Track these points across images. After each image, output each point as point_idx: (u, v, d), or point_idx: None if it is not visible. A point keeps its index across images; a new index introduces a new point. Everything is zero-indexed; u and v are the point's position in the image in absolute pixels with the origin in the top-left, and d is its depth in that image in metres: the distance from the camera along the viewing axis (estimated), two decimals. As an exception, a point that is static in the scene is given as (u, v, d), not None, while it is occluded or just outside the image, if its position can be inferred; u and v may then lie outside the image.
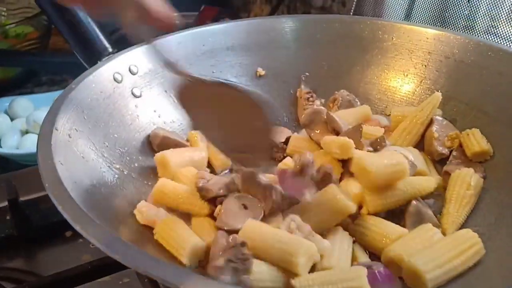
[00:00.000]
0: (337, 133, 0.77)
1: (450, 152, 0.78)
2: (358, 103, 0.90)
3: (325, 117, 0.80)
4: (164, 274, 0.42)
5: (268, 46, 0.96)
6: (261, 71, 0.95)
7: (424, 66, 0.89)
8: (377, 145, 0.74)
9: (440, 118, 0.80)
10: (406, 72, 0.91)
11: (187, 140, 0.83)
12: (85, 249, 0.81)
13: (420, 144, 0.80)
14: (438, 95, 0.81)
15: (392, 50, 0.92)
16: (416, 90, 0.89)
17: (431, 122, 0.80)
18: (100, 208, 0.59)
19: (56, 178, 0.53)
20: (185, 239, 0.60)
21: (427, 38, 0.89)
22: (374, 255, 0.64)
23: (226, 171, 0.78)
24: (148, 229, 0.65)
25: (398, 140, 0.80)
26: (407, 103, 0.89)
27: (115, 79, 0.79)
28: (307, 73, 0.95)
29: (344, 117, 0.81)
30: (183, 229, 0.62)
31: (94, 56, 0.83)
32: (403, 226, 0.65)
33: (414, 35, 0.91)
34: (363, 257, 0.63)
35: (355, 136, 0.72)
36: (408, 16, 1.15)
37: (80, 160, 0.64)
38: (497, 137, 0.75)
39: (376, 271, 0.57)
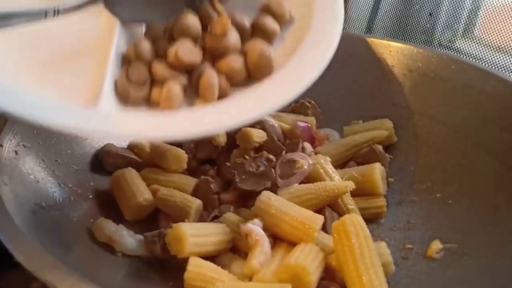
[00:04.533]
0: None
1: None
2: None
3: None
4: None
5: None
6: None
7: (387, 80, 0.88)
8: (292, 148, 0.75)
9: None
10: (368, 85, 0.90)
11: (129, 149, 0.79)
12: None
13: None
14: (389, 123, 0.82)
15: (355, 63, 0.92)
16: (379, 104, 0.88)
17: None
18: (49, 230, 0.54)
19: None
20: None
21: (390, 52, 0.89)
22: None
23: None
24: (106, 247, 0.61)
25: (326, 153, 0.77)
26: (371, 118, 0.87)
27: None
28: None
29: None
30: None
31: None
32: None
33: (377, 48, 0.90)
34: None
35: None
36: (369, 29, 1.15)
37: (28, 180, 0.59)
38: (462, 151, 0.74)
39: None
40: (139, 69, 0.56)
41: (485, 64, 0.99)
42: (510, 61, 1.00)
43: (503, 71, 0.97)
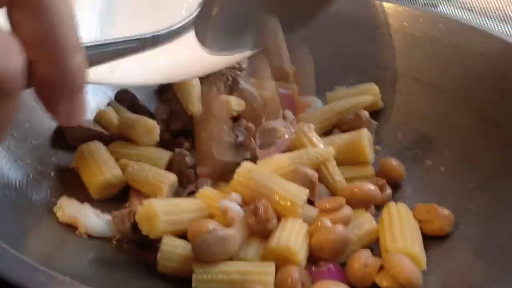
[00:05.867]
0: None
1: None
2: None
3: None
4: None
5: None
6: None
7: (371, 42, 0.83)
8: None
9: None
10: (351, 48, 0.84)
11: (96, 122, 0.72)
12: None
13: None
14: (374, 87, 0.76)
15: (335, 24, 0.86)
16: (363, 68, 0.82)
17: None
18: (3, 213, 0.49)
19: None
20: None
21: (374, 11, 0.83)
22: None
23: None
24: (70, 229, 0.55)
25: (309, 120, 0.71)
26: (355, 83, 0.81)
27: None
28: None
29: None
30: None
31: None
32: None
33: (360, 8, 0.84)
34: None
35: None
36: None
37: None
38: (452, 114, 0.70)
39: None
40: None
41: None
42: (493, 26, 0.96)
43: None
